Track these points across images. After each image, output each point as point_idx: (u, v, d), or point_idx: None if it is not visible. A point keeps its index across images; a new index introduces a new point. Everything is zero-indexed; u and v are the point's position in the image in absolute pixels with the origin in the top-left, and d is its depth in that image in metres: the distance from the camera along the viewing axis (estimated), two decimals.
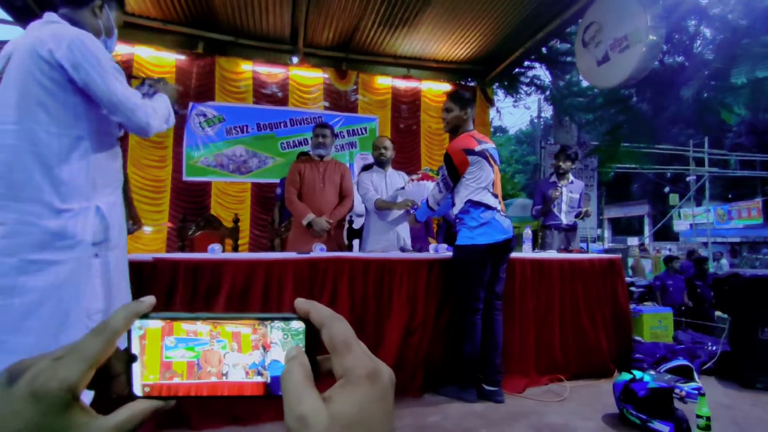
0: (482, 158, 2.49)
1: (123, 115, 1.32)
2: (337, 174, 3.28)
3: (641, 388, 2.06)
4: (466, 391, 2.40)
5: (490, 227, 2.42)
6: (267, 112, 5.95)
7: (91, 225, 1.30)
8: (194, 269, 2.18)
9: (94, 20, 1.41)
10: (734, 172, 13.58)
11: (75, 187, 1.27)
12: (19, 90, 1.22)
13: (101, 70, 1.27)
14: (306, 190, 3.15)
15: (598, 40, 4.40)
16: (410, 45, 5.97)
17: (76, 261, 1.25)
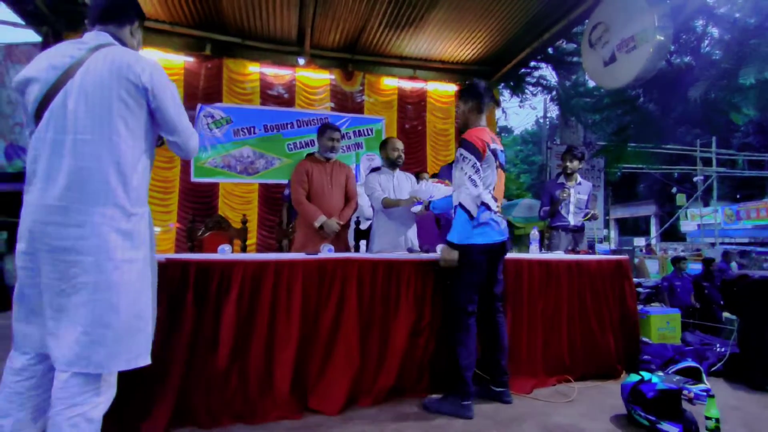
0: (493, 157, 2.43)
1: (181, 139, 1.53)
2: (342, 175, 3.30)
3: (650, 389, 2.06)
4: (464, 406, 2.23)
5: (489, 228, 2.37)
6: (274, 113, 5.99)
7: (150, 228, 1.49)
8: (205, 270, 2.21)
9: (132, 40, 1.58)
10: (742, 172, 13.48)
11: (140, 194, 1.46)
12: (101, 105, 1.35)
13: (173, 99, 1.48)
14: (315, 191, 3.16)
15: (605, 40, 4.39)
16: (416, 46, 5.98)
17: (143, 260, 1.41)
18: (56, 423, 1.25)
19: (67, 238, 1.28)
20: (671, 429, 1.98)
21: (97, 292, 1.29)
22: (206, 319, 2.17)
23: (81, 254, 1.28)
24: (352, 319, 2.36)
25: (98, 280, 1.29)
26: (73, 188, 1.30)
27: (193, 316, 2.14)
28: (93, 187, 1.32)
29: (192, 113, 5.61)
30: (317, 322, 2.34)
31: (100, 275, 1.29)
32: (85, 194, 1.31)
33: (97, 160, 1.33)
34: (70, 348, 1.26)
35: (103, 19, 1.51)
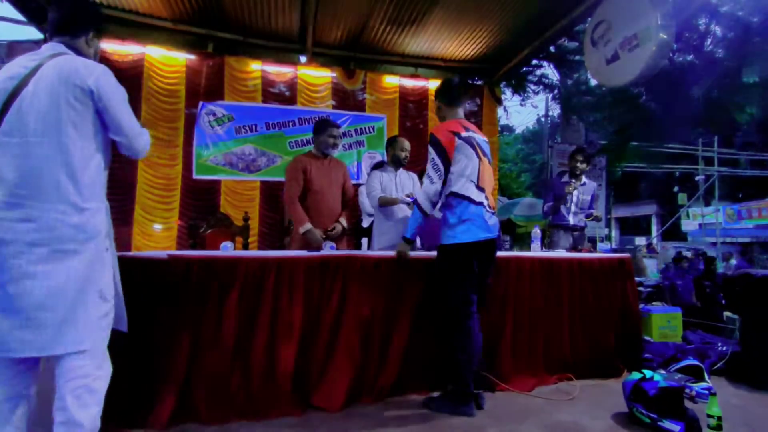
0: (468, 145, 2.33)
1: (126, 139, 1.61)
2: (339, 173, 3.27)
3: (652, 387, 2.06)
4: (464, 405, 2.22)
5: (473, 224, 2.28)
6: (275, 111, 5.98)
7: (105, 221, 1.56)
8: (207, 266, 2.21)
9: (88, 49, 1.70)
10: (744, 172, 13.43)
11: (94, 190, 1.54)
12: (51, 110, 1.45)
13: (118, 101, 1.58)
14: (315, 190, 3.10)
15: (608, 38, 4.38)
16: (418, 44, 5.97)
17: (93, 251, 1.49)
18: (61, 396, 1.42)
19: (19, 232, 1.38)
20: (673, 427, 1.98)
21: (46, 279, 1.39)
22: (208, 315, 2.18)
23: (34, 246, 1.38)
24: (354, 317, 2.37)
25: (47, 269, 1.39)
26: (25, 186, 1.41)
27: (195, 312, 2.15)
28: (45, 186, 1.42)
29: (194, 111, 5.61)
30: (319, 319, 2.35)
31: (48, 265, 1.39)
32: (39, 192, 1.41)
33: (47, 160, 1.43)
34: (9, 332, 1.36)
35: (59, 31, 1.63)
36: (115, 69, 1.84)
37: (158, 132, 5.47)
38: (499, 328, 2.65)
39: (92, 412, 1.46)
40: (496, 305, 2.65)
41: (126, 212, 5.27)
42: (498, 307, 2.65)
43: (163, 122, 5.49)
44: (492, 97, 6.69)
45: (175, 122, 5.56)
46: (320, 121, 3.25)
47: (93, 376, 1.47)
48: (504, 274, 2.69)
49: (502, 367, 2.60)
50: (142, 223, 5.32)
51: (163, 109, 5.48)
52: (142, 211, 5.32)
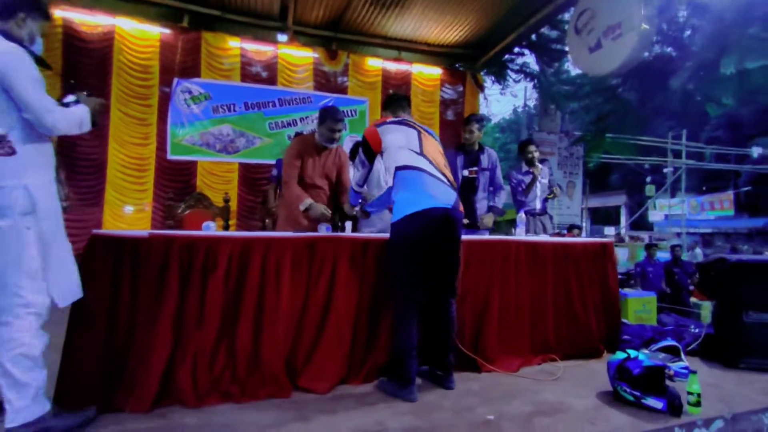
0: (398, 124, 2.37)
1: (32, 115, 1.64)
2: (336, 161, 3.14)
3: (636, 366, 2.11)
4: (406, 389, 2.14)
5: (418, 194, 2.14)
6: (255, 90, 5.81)
7: (20, 200, 1.60)
8: (190, 246, 2.12)
9: (19, 30, 1.73)
10: (709, 165, 13.99)
11: (6, 169, 1.59)
12: None
13: (24, 79, 1.62)
14: (306, 178, 3.00)
15: (591, 27, 4.42)
16: (401, 26, 5.89)
17: (7, 228, 1.58)
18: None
19: None
20: (656, 404, 2.04)
21: None
22: (191, 296, 2.09)
23: None
24: (343, 298, 2.33)
25: None
26: None
27: (177, 293, 2.06)
28: None
29: (168, 88, 5.37)
30: (307, 300, 2.29)
31: None
32: None
33: None
34: None
35: None
36: (83, 41, 1.84)
37: (130, 109, 5.24)
38: (485, 311, 2.65)
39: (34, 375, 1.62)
40: (482, 288, 2.65)
41: (96, 192, 5.04)
42: (484, 291, 2.66)
43: (136, 99, 5.25)
44: (474, 83, 6.69)
45: (148, 99, 5.33)
46: (325, 110, 3.04)
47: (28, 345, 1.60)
48: (490, 258, 2.69)
49: (488, 349, 2.61)
50: (114, 204, 5.10)
51: (136, 86, 5.24)
52: (113, 191, 5.09)
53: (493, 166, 3.76)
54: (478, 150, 3.72)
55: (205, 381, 2.04)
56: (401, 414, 2.00)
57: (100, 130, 5.00)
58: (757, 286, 2.66)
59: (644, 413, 2.04)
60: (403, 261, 2.19)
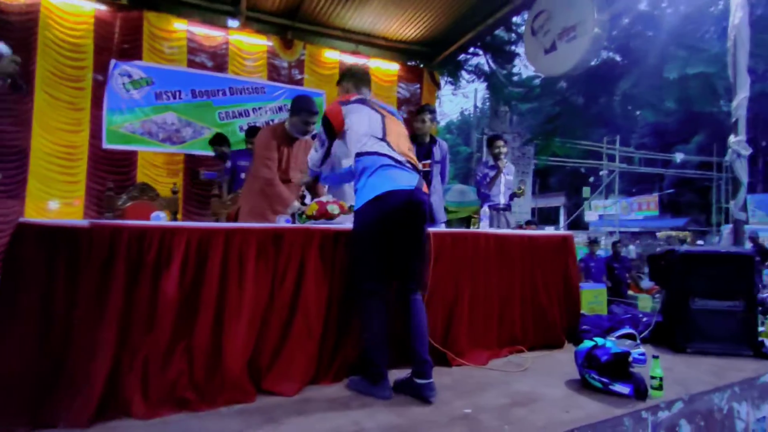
0: (361, 104, 2.20)
1: None
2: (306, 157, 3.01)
3: (604, 353, 2.15)
4: (377, 386, 2.05)
5: (379, 178, 2.02)
6: (203, 77, 5.46)
7: None
8: (141, 237, 1.89)
9: None
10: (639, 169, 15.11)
11: None
12: None
13: None
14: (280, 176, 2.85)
15: (547, 29, 4.56)
16: (360, 20, 5.79)
17: None
18: None
19: None
20: (623, 389, 2.09)
21: None
22: (141, 293, 1.86)
23: None
24: (312, 292, 2.19)
25: None
26: None
27: (124, 289, 1.82)
28: None
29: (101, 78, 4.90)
30: (274, 295, 2.13)
31: None
32: None
33: None
34: None
35: None
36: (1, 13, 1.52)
37: (59, 92, 4.73)
38: (455, 304, 2.62)
39: None
40: (451, 282, 2.62)
41: (17, 184, 4.48)
42: (454, 284, 2.63)
43: (66, 81, 4.74)
44: (431, 81, 6.72)
45: (81, 82, 4.84)
46: (300, 99, 2.89)
47: None
48: (460, 251, 2.66)
49: (458, 343, 2.58)
50: (38, 197, 4.57)
51: (66, 66, 4.73)
52: (37, 183, 4.56)
53: (444, 157, 3.75)
54: (431, 141, 3.70)
55: (157, 388, 1.82)
56: (378, 412, 1.90)
57: (22, 115, 4.46)
58: (703, 276, 2.83)
59: (612, 399, 2.08)
60: (366, 249, 2.08)
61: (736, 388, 2.38)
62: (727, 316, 2.79)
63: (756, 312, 2.81)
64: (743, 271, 2.81)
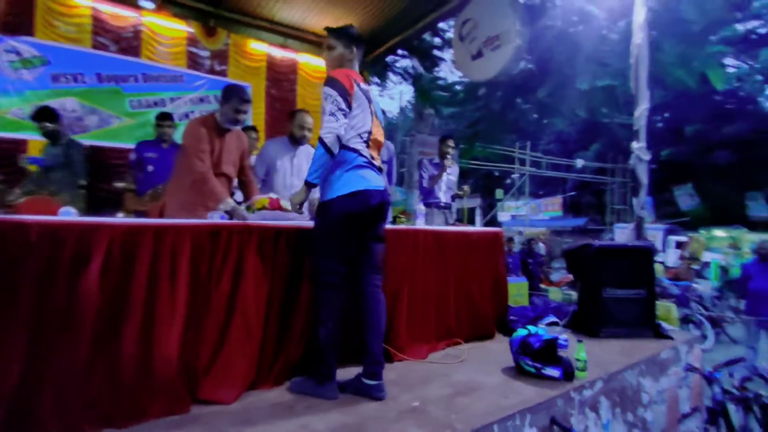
0: (365, 98, 2.09)
1: None
2: (239, 146, 2.82)
3: (537, 340, 2.31)
4: (325, 386, 1.99)
5: (356, 176, 2.02)
6: (112, 61, 4.92)
7: None
8: (53, 234, 1.64)
9: None
10: (545, 173, 16.50)
11: None
12: None
13: None
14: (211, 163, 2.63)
15: (474, 36, 4.79)
16: (289, 13, 5.61)
17: None
18: None
19: None
20: (554, 372, 2.26)
21: None
22: (55, 298, 1.62)
23: None
24: (251, 293, 2.06)
25: None
26: None
27: (35, 294, 1.57)
28: None
29: None
30: (209, 297, 1.97)
31: None
32: None
33: None
34: None
35: None
36: None
37: None
38: (396, 300, 2.63)
39: None
40: (393, 278, 2.63)
41: None
42: (395, 280, 2.64)
43: None
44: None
45: None
46: (231, 87, 2.71)
47: None
48: (401, 248, 2.69)
49: (399, 339, 2.61)
50: None
51: None
52: None
53: (391, 159, 3.81)
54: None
55: (76, 406, 1.59)
56: (325, 412, 1.84)
57: None
58: (613, 268, 3.16)
59: (545, 382, 2.24)
60: (335, 242, 2.02)
61: (642, 365, 2.68)
62: (632, 303, 3.14)
63: (655, 298, 3.20)
64: (645, 263, 3.19)
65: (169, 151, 4.00)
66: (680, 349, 3.05)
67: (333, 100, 1.99)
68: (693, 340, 3.24)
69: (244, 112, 2.70)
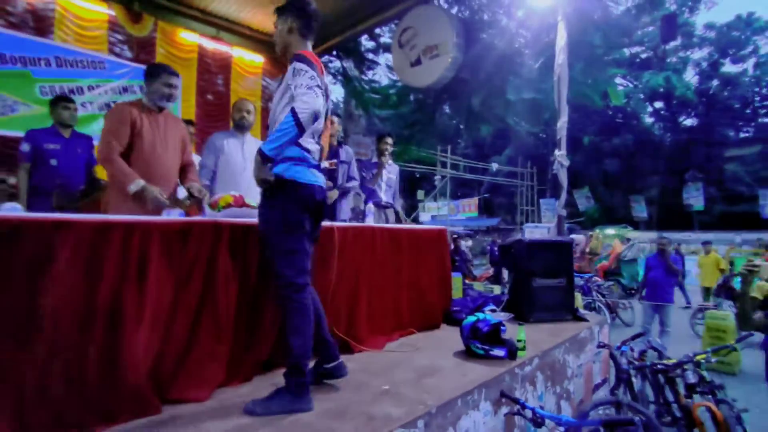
0: (323, 94, 1.93)
1: None
2: (178, 131, 2.72)
3: (485, 325, 2.57)
4: (302, 398, 1.84)
5: (303, 170, 1.94)
6: (18, 41, 4.41)
7: None
8: (11, 233, 1.52)
9: None
10: (465, 175, 17.53)
11: None
12: None
13: None
14: (145, 150, 2.49)
15: (413, 44, 5.05)
16: (222, 4, 5.44)
17: None
18: None
19: None
20: (499, 353, 2.53)
21: None
22: (12, 301, 1.51)
23: None
24: (222, 290, 2.06)
25: None
26: None
27: None
28: None
29: None
30: (179, 295, 1.94)
31: None
32: None
33: None
34: None
35: None
36: None
37: None
38: (355, 295, 2.75)
39: None
40: (352, 274, 2.74)
41: None
42: (354, 276, 2.76)
43: None
44: None
45: None
46: (153, 65, 2.67)
47: None
48: (360, 244, 2.81)
49: (359, 331, 2.73)
50: None
51: None
52: None
53: (350, 159, 3.92)
54: (337, 144, 3.86)
55: (38, 417, 1.50)
56: None
57: None
58: (540, 259, 3.58)
59: (494, 362, 2.51)
60: (297, 239, 1.90)
61: (566, 344, 3.09)
62: (555, 291, 3.58)
63: (573, 287, 3.68)
64: (565, 255, 3.66)
65: (73, 141, 3.52)
66: (594, 329, 3.55)
67: (310, 75, 1.83)
68: (602, 322, 3.79)
69: (175, 87, 2.64)
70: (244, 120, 3.12)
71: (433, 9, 5.03)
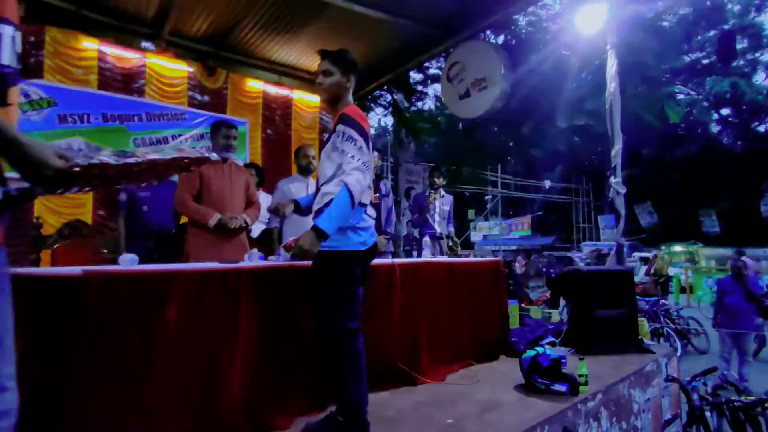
0: (369, 148, 2.01)
1: None
2: (242, 179, 3.10)
3: (545, 359, 2.63)
4: None
5: (366, 233, 2.06)
6: (116, 101, 5.08)
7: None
8: (137, 284, 1.85)
9: None
10: (516, 194, 17.28)
11: None
12: None
13: None
14: (214, 197, 2.90)
15: (462, 77, 5.25)
16: (286, 53, 5.95)
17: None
18: None
19: None
20: (561, 388, 2.58)
21: None
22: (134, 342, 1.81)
23: None
24: (302, 326, 2.30)
25: None
26: None
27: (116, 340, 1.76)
28: None
29: None
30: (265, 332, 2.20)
31: None
32: None
33: None
34: None
35: None
36: None
37: None
38: (417, 328, 2.92)
39: None
40: (415, 308, 2.91)
41: None
42: (416, 310, 2.92)
43: None
44: None
45: None
46: (213, 123, 3.05)
47: None
48: (420, 279, 2.98)
49: (421, 364, 2.87)
50: None
51: None
52: None
53: (389, 192, 4.12)
54: (377, 178, 4.05)
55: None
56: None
57: None
58: (601, 290, 3.56)
59: (554, 397, 2.56)
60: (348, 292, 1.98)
61: (631, 377, 3.06)
62: (617, 322, 3.54)
63: (637, 316, 3.62)
64: (626, 285, 3.62)
65: (163, 187, 3.73)
66: (661, 361, 3.45)
67: (359, 147, 1.90)
68: (670, 354, 3.67)
69: (233, 138, 3.01)
70: (311, 165, 3.44)
71: (480, 43, 5.22)
